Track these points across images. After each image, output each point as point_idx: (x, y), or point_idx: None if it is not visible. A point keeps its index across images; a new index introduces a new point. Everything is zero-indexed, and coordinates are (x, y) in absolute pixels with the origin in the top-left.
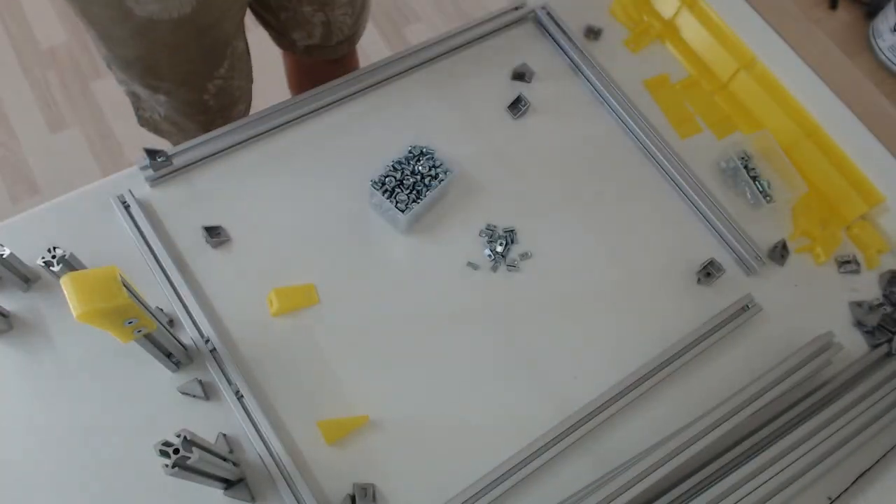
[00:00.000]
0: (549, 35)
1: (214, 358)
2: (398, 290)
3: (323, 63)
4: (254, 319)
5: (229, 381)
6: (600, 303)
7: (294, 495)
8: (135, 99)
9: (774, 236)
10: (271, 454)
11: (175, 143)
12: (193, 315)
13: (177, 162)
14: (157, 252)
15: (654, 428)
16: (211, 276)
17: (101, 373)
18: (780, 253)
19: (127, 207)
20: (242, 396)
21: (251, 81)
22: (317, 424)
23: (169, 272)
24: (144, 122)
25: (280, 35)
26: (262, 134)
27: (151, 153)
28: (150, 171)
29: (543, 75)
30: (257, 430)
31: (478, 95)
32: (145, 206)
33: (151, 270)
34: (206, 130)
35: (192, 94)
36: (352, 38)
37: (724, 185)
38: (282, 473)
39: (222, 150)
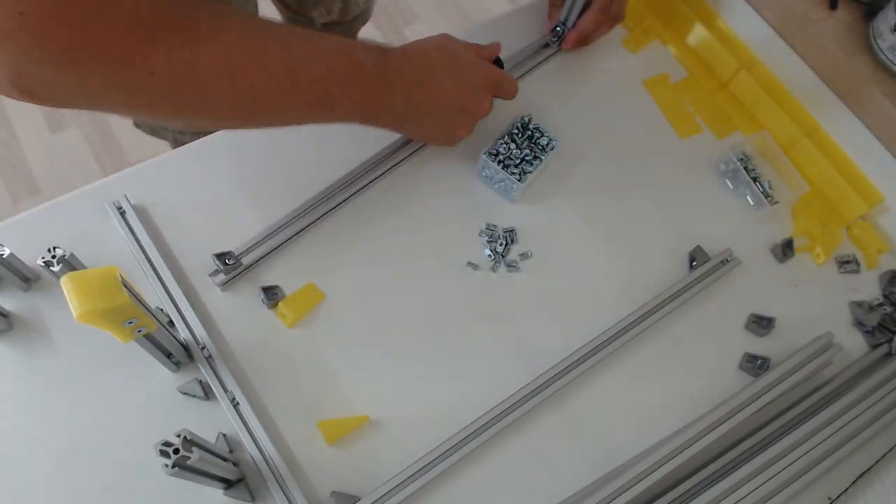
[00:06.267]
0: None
1: (210, 364)
2: (398, 290)
3: None
4: (251, 320)
5: (224, 388)
6: (601, 302)
7: (303, 494)
8: None
9: (776, 236)
10: (276, 453)
11: (172, 142)
12: (189, 320)
13: (245, 261)
14: (152, 258)
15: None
16: (207, 279)
17: (101, 373)
18: (783, 251)
19: (123, 214)
20: (238, 404)
21: None
22: (317, 424)
23: (163, 276)
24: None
25: (298, 15)
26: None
27: (220, 257)
28: (222, 276)
29: (545, 78)
30: (251, 435)
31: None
32: (141, 212)
33: (148, 273)
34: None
35: None
36: (365, 13)
37: (724, 186)
38: (291, 473)
39: (290, 238)
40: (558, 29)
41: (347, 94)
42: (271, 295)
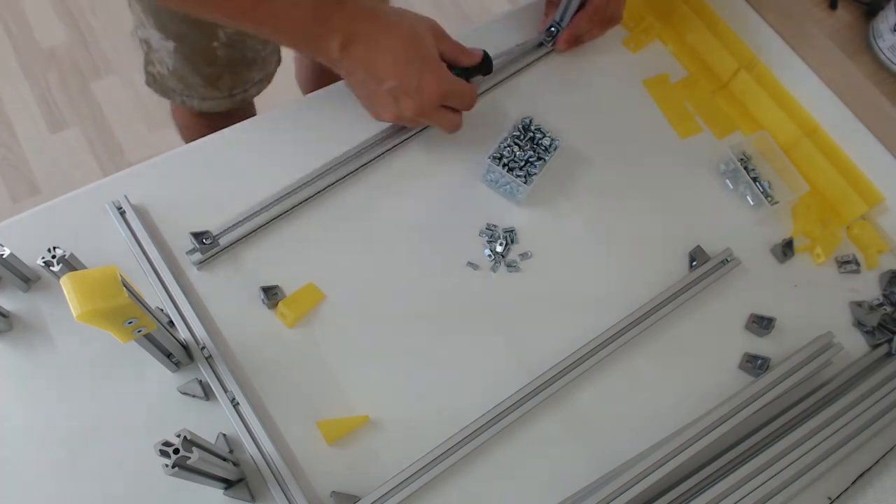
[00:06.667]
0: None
1: (210, 364)
2: (398, 290)
3: None
4: (251, 320)
5: (224, 389)
6: (601, 302)
7: (303, 494)
8: (147, 49)
9: (776, 236)
10: (276, 453)
11: (180, 104)
12: (189, 320)
13: (223, 241)
14: (152, 257)
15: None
16: (207, 279)
17: (101, 373)
18: (783, 251)
19: (123, 214)
20: (238, 404)
21: (276, 55)
22: (317, 424)
23: (164, 276)
24: (151, 79)
25: None
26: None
27: (197, 236)
28: (198, 255)
29: (545, 78)
30: (251, 435)
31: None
32: (141, 212)
33: (148, 273)
34: (213, 86)
35: (203, 38)
36: None
37: (724, 186)
38: (291, 473)
39: (271, 221)
40: (552, 29)
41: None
42: (271, 295)
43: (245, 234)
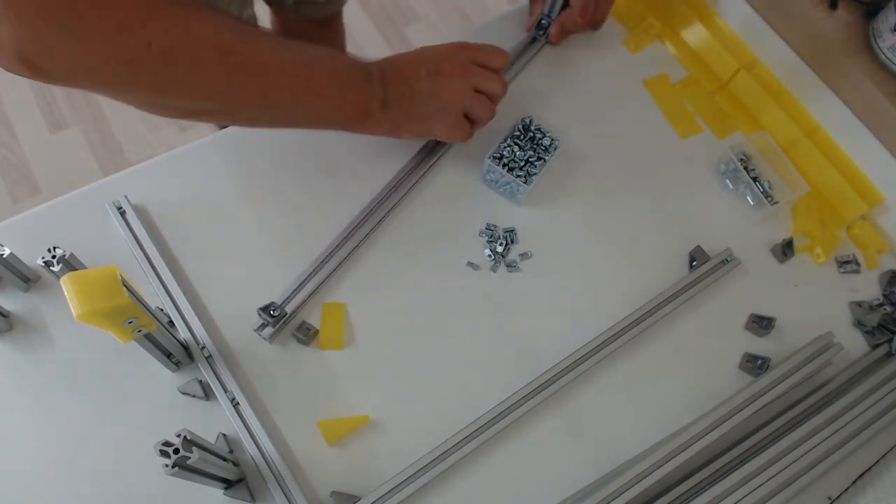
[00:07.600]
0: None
1: (210, 364)
2: (397, 291)
3: (311, 27)
4: (250, 320)
5: (224, 389)
6: (601, 302)
7: (303, 494)
8: None
9: (776, 236)
10: (276, 453)
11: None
12: (189, 320)
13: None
14: (152, 258)
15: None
16: (207, 280)
17: (101, 373)
18: (783, 251)
19: (123, 214)
20: (238, 404)
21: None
22: (317, 424)
23: (163, 276)
24: None
25: None
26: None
27: (265, 308)
28: (270, 329)
29: (544, 78)
30: (251, 435)
31: None
32: (141, 212)
33: (148, 273)
34: None
35: None
36: None
37: (724, 186)
38: (291, 473)
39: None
40: (543, 21)
41: (334, 80)
42: (304, 330)
43: (306, 298)
